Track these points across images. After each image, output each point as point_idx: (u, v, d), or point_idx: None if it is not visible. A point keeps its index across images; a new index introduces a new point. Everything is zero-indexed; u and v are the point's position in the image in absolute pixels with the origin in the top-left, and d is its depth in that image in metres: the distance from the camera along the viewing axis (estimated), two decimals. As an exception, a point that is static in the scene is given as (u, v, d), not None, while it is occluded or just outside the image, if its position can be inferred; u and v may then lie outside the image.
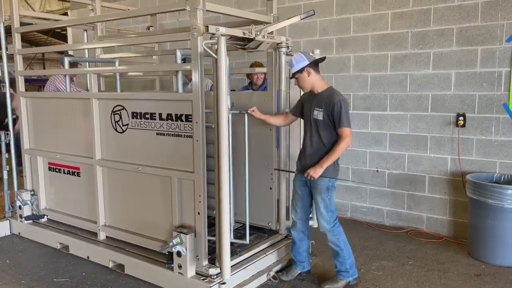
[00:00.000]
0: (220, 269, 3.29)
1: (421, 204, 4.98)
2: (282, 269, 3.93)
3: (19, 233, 4.91)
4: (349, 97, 5.28)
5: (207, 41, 3.09)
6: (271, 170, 4.15)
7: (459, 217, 4.72)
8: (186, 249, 3.38)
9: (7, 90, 4.94)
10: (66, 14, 8.34)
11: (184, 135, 3.50)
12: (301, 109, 3.73)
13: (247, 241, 3.76)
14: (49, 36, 14.19)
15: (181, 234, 3.40)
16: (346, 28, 5.26)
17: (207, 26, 3.11)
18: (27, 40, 15.93)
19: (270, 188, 4.18)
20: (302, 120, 4.10)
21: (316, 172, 3.40)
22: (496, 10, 4.35)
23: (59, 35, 13.63)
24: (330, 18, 5.37)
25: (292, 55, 3.99)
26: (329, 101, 3.45)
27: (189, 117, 3.43)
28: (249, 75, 5.44)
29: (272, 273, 3.78)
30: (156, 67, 4.93)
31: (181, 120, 3.50)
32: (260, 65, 5.25)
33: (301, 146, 3.77)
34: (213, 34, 3.12)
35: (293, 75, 3.54)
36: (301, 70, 3.46)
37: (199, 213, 3.44)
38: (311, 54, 3.57)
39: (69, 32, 6.10)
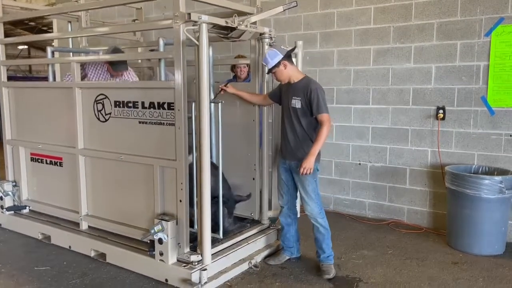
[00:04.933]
0: (201, 255, 3.32)
1: (402, 196, 5.05)
2: (270, 255, 4.01)
3: (0, 225, 4.86)
4: (332, 91, 5.35)
5: (189, 28, 3.11)
6: (254, 161, 4.20)
7: (439, 208, 4.80)
8: (167, 236, 3.40)
9: None
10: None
11: (167, 123, 3.51)
12: (279, 96, 3.81)
13: (221, 235, 3.76)
14: (34, 33, 14.03)
15: (163, 221, 3.41)
16: (330, 23, 5.32)
17: (190, 14, 3.13)
18: (8, 35, 15.71)
19: (253, 179, 4.22)
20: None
21: (310, 163, 3.46)
22: (475, 5, 4.44)
23: (44, 33, 13.48)
24: (314, 13, 5.42)
25: (273, 46, 4.06)
26: (306, 89, 3.54)
27: (171, 105, 3.45)
28: (233, 69, 5.48)
29: (253, 261, 3.81)
30: (139, 55, 4.92)
31: (164, 108, 3.52)
32: (243, 57, 5.28)
33: (281, 133, 3.84)
34: (195, 22, 3.15)
35: (270, 70, 3.60)
36: (277, 65, 3.53)
37: (180, 201, 3.46)
38: (282, 46, 3.63)
39: (55, 24, 6.10)
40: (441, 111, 4.67)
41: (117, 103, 3.83)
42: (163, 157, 3.55)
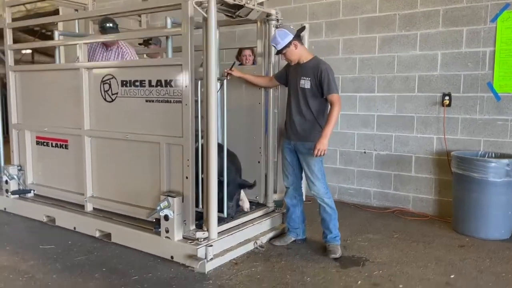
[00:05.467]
0: (208, 230, 3.30)
1: (408, 184, 5.04)
2: (275, 237, 3.99)
3: (4, 209, 4.86)
4: (337, 80, 5.32)
5: (198, 0, 3.13)
6: (259, 144, 4.19)
7: (444, 196, 4.78)
8: (173, 212, 3.38)
9: None
10: (57, 10, 8.28)
11: (173, 100, 3.52)
12: (286, 77, 3.80)
13: (225, 214, 3.69)
14: (36, 37, 13.85)
15: (169, 197, 3.41)
16: (335, 12, 5.34)
17: (198, -12, 3.15)
18: (14, 40, 15.62)
19: (258, 162, 4.21)
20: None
21: (324, 145, 3.46)
22: (481, -8, 4.46)
23: (47, 38, 13.34)
24: (319, 2, 5.45)
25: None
26: (316, 69, 3.53)
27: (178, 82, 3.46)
28: (238, 57, 5.49)
29: (259, 242, 3.79)
30: (145, 33, 4.93)
31: (171, 86, 3.53)
32: (248, 48, 5.29)
33: (286, 114, 3.83)
34: (202, 2, 3.17)
35: (280, 51, 3.57)
36: (288, 45, 3.51)
37: (187, 178, 3.45)
38: (291, 27, 3.62)
39: (61, 12, 6.16)
40: (447, 97, 4.67)
41: (124, 82, 3.84)
42: (169, 135, 3.56)
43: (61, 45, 4.54)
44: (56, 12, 8.76)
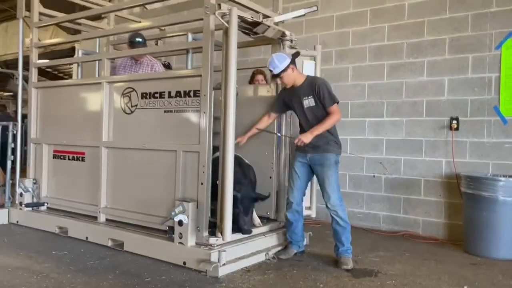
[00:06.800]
0: (221, 233, 3.34)
1: (417, 208, 5.06)
2: (279, 250, 3.99)
3: (17, 222, 4.90)
4: (347, 105, 5.50)
5: (220, 11, 3.33)
6: (271, 159, 4.27)
7: (454, 219, 4.78)
8: (188, 217, 3.43)
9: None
10: (74, 48, 8.60)
11: (192, 110, 3.67)
12: (283, 105, 3.97)
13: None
14: (48, 78, 13.99)
15: (184, 203, 3.47)
16: (345, 41, 5.58)
17: (220, 4, 3.37)
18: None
19: (270, 177, 4.28)
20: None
21: (306, 138, 3.61)
22: (485, 21, 4.68)
23: (59, 78, 13.61)
24: (330, 32, 5.70)
25: (295, 48, 4.27)
26: (313, 86, 3.71)
27: (197, 92, 3.62)
28: (251, 82, 5.68)
29: (270, 253, 3.80)
30: (166, 47, 5.14)
31: (189, 96, 3.69)
32: (261, 72, 5.49)
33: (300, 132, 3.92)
34: (224, 13, 3.38)
35: (278, 75, 3.71)
36: (286, 68, 3.67)
37: (202, 184, 3.53)
38: (286, 51, 3.88)
39: (77, 53, 6.46)
40: (454, 121, 4.78)
41: (144, 94, 4.01)
42: (186, 143, 3.67)
43: (84, 62, 4.75)
44: (71, 50, 9.05)
